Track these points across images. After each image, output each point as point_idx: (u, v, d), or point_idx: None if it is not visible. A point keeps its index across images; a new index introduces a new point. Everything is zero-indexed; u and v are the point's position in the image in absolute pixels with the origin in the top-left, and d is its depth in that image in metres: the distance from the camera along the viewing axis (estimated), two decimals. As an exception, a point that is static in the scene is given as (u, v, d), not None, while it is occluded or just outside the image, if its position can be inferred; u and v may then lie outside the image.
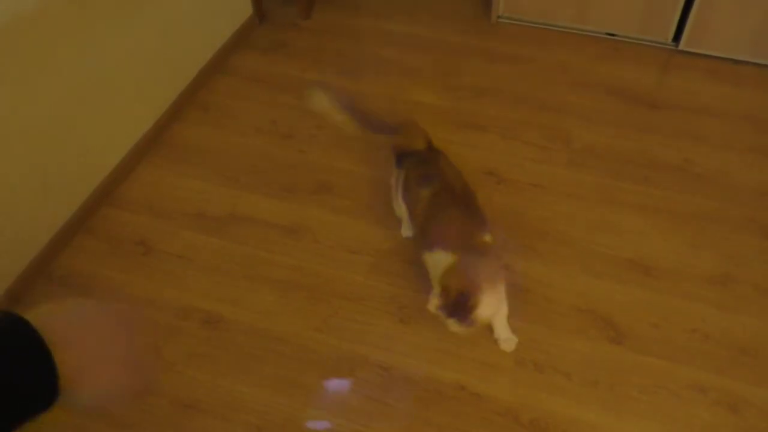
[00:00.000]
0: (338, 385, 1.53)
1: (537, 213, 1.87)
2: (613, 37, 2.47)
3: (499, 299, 1.43)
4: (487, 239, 1.45)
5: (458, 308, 1.31)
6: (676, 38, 2.38)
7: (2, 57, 1.53)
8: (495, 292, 1.37)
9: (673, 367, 1.53)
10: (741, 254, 1.75)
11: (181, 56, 2.24)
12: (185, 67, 2.27)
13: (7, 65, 1.54)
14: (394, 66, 2.41)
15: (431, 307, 1.32)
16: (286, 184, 1.99)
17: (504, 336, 1.55)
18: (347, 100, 1.72)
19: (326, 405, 1.50)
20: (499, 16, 2.58)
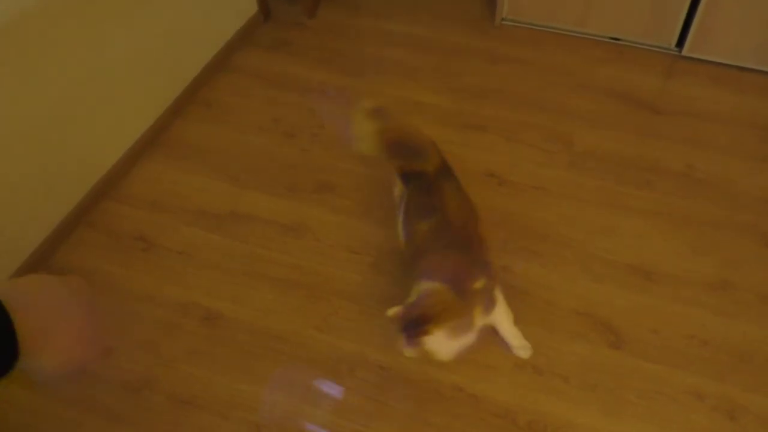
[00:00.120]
0: (333, 388, 1.53)
1: (538, 215, 1.87)
2: (616, 42, 2.47)
3: (460, 347, 1.35)
4: (477, 286, 1.36)
5: (411, 327, 1.26)
6: (680, 44, 2.38)
7: (7, 49, 1.53)
8: (456, 339, 1.32)
9: (671, 372, 1.53)
10: (741, 260, 1.75)
11: (185, 53, 2.24)
12: (188, 64, 2.27)
13: (12, 57, 1.55)
14: (397, 66, 2.41)
15: (390, 312, 1.29)
16: (287, 183, 1.99)
17: (516, 344, 1.54)
18: (392, 132, 1.58)
19: (324, 404, 1.50)
20: (503, 19, 2.58)
